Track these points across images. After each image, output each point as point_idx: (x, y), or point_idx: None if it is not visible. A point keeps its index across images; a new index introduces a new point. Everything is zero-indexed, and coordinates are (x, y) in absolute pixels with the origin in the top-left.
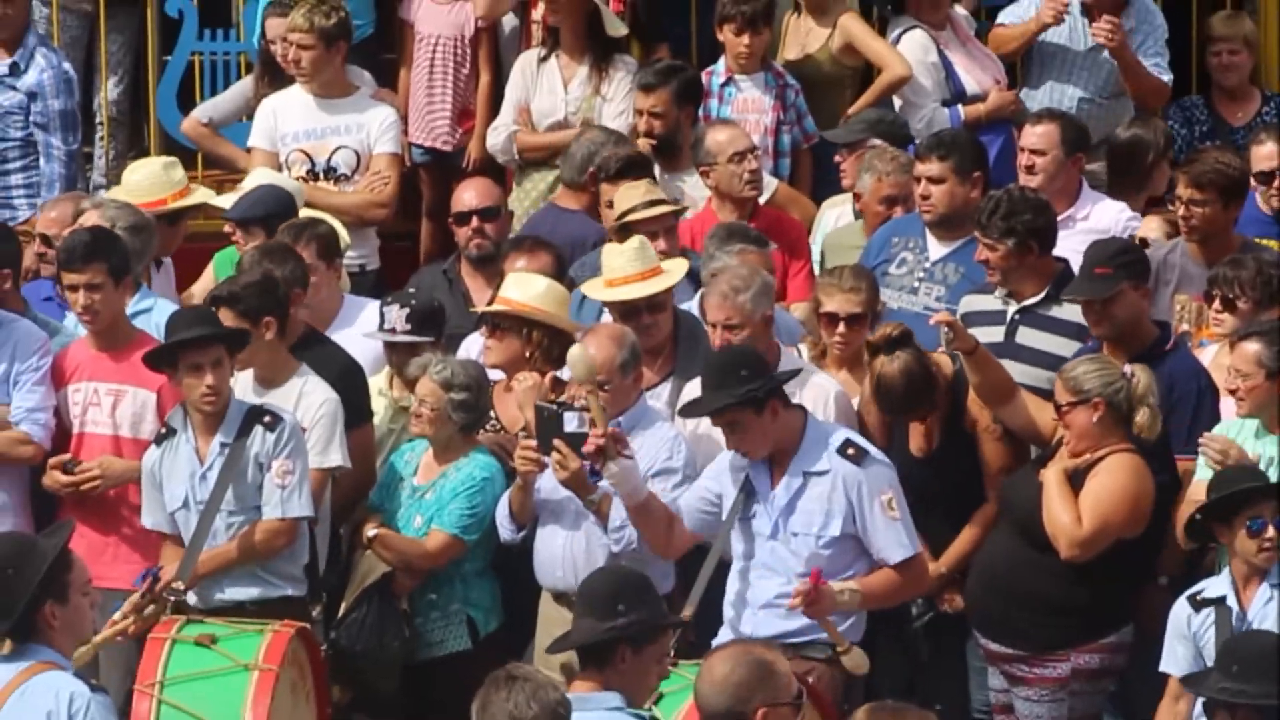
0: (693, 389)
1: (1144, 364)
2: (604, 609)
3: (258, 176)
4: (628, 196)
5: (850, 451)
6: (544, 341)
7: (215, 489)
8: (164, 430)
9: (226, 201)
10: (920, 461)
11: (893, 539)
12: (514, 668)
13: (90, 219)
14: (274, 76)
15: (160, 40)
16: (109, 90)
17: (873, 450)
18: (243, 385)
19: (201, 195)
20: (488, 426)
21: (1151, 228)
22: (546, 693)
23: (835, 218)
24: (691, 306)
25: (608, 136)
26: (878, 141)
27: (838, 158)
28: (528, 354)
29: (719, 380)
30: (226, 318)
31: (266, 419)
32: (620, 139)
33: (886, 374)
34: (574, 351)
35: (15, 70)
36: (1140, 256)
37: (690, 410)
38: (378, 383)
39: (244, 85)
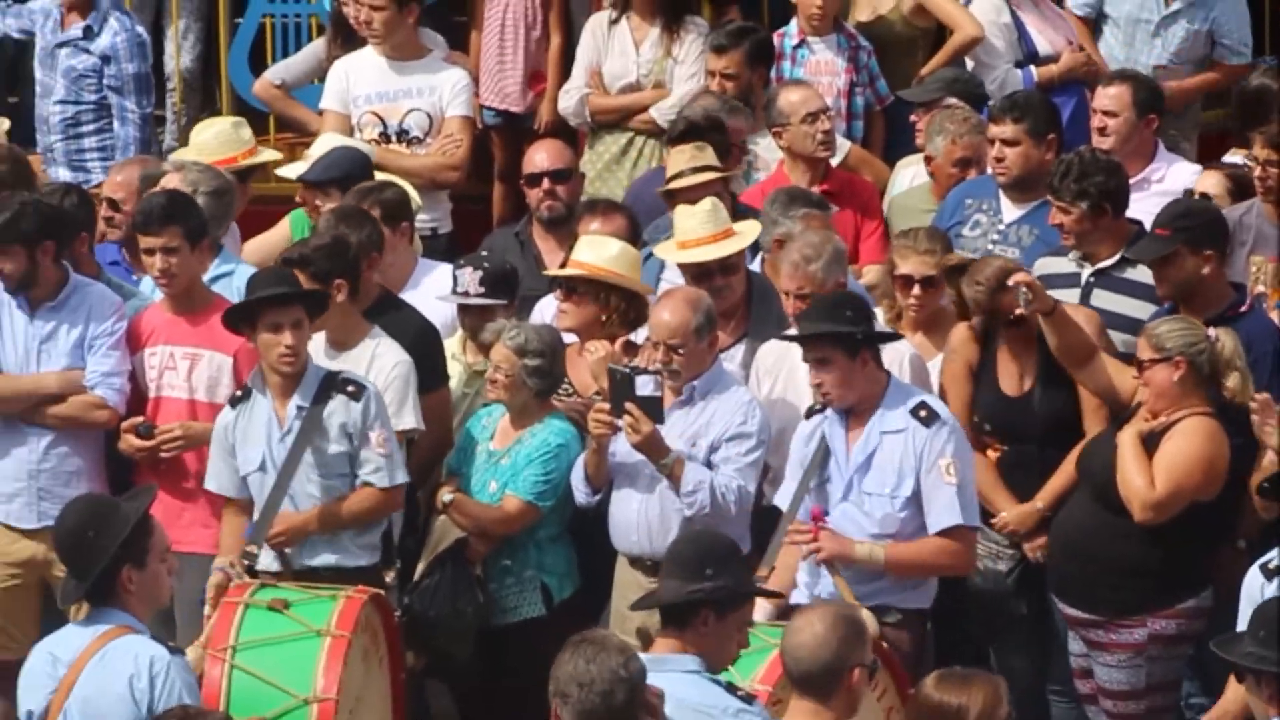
0: (767, 350)
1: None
2: (691, 571)
3: (326, 140)
4: (675, 161)
5: (922, 413)
6: (620, 305)
7: (292, 452)
8: (239, 393)
9: (295, 167)
10: (1015, 401)
11: (943, 504)
12: (588, 633)
13: (171, 182)
14: (346, 39)
15: (231, 3)
16: (181, 54)
17: (944, 414)
18: (314, 348)
19: (270, 154)
20: (562, 391)
21: (1210, 183)
22: (609, 656)
23: (910, 178)
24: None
25: (723, 104)
26: (953, 101)
27: (913, 117)
28: (603, 318)
29: (823, 315)
30: (298, 280)
31: (350, 388)
32: (733, 107)
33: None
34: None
35: (89, 34)
36: (1204, 221)
37: (789, 335)
38: (451, 346)
39: (316, 47)
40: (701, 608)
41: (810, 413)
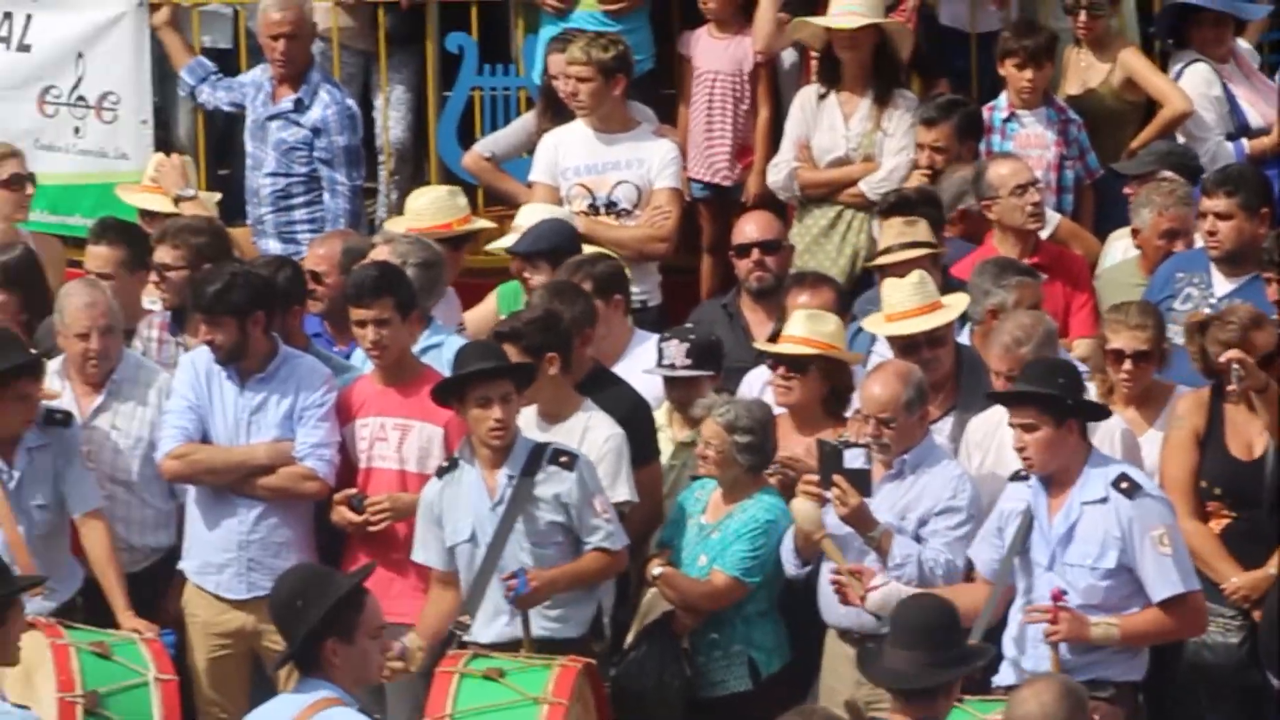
0: (977, 423)
1: None
2: (930, 644)
3: (530, 211)
4: (886, 235)
5: (1124, 485)
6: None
7: (502, 524)
8: (446, 464)
9: (504, 240)
10: (1246, 466)
11: (1162, 575)
12: (800, 708)
13: (380, 254)
14: (556, 111)
15: (440, 76)
16: (390, 126)
17: (1148, 485)
18: (526, 420)
19: (482, 223)
20: (773, 464)
21: None
22: None
23: (1122, 251)
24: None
25: (965, 182)
26: (1168, 174)
27: (1127, 190)
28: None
29: (1035, 378)
30: (509, 353)
31: (562, 459)
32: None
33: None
34: (799, 506)
35: (300, 106)
36: None
37: (999, 397)
38: (657, 419)
39: (526, 120)
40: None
41: (1014, 477)
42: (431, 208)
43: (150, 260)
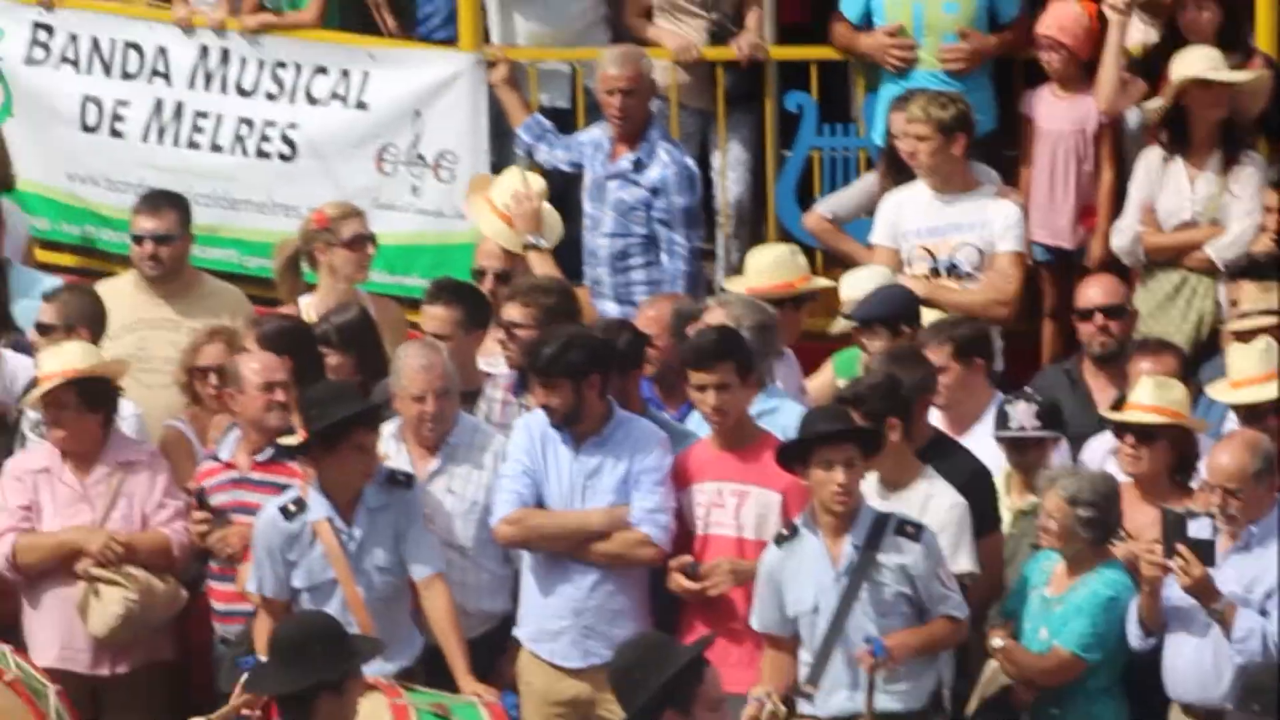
0: None
1: None
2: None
3: (854, 278)
4: (1242, 299)
5: None
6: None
7: (847, 594)
8: (785, 531)
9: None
10: None
11: None
12: None
13: (715, 317)
14: (899, 172)
15: (779, 135)
16: (729, 186)
17: None
18: (867, 489)
19: (823, 282)
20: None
21: None
22: None
23: None
24: None
25: None
26: None
27: None
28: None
29: None
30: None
31: (909, 529)
32: None
33: None
34: None
35: (638, 166)
36: None
37: None
38: (996, 486)
39: (867, 180)
40: None
41: None
42: (773, 266)
43: (489, 319)
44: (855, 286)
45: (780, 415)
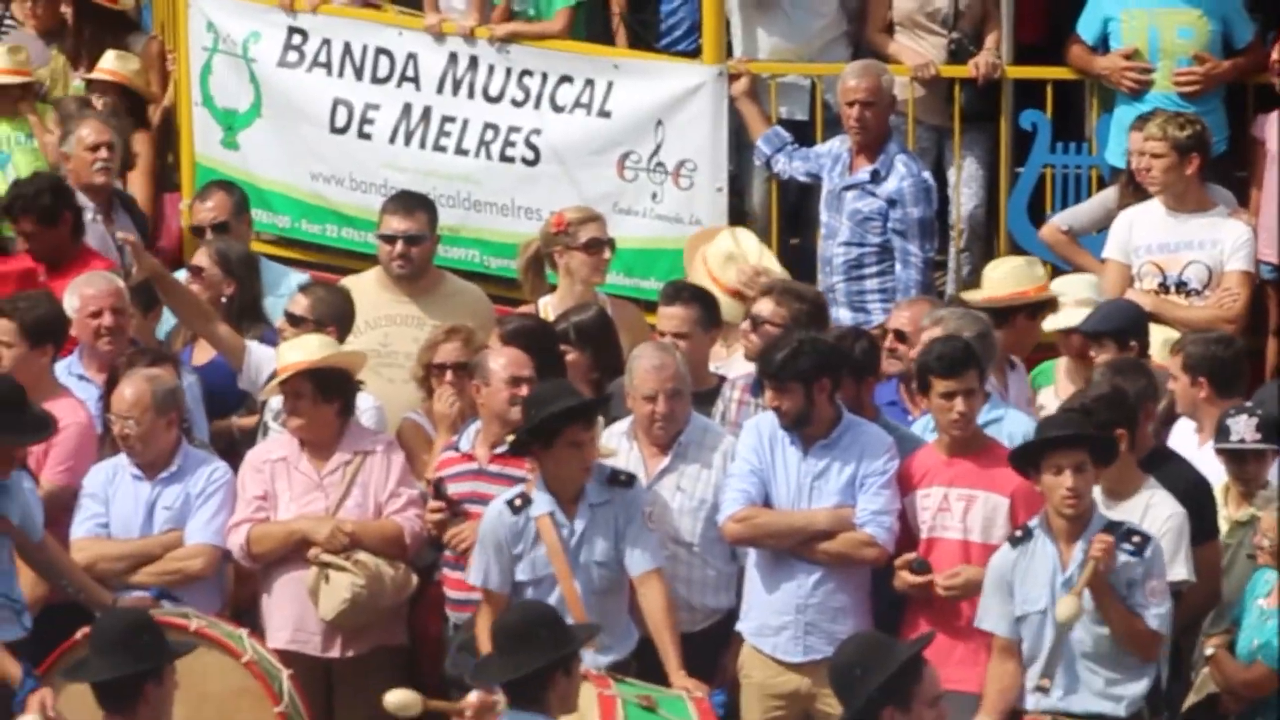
0: None
1: None
2: None
3: (1069, 283)
4: None
5: None
6: None
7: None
8: (1020, 533)
9: (1065, 315)
10: None
11: None
12: None
13: (934, 332)
14: (1137, 188)
15: (1013, 152)
16: (963, 201)
17: None
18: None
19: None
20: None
21: None
22: None
23: None
24: None
25: None
26: None
27: None
28: None
29: None
30: None
31: (1135, 539)
32: None
33: None
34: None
35: (876, 177)
36: None
37: None
38: (1215, 496)
39: (1106, 196)
40: None
41: None
42: (1011, 276)
43: (721, 321)
44: (1064, 293)
45: (1005, 424)
